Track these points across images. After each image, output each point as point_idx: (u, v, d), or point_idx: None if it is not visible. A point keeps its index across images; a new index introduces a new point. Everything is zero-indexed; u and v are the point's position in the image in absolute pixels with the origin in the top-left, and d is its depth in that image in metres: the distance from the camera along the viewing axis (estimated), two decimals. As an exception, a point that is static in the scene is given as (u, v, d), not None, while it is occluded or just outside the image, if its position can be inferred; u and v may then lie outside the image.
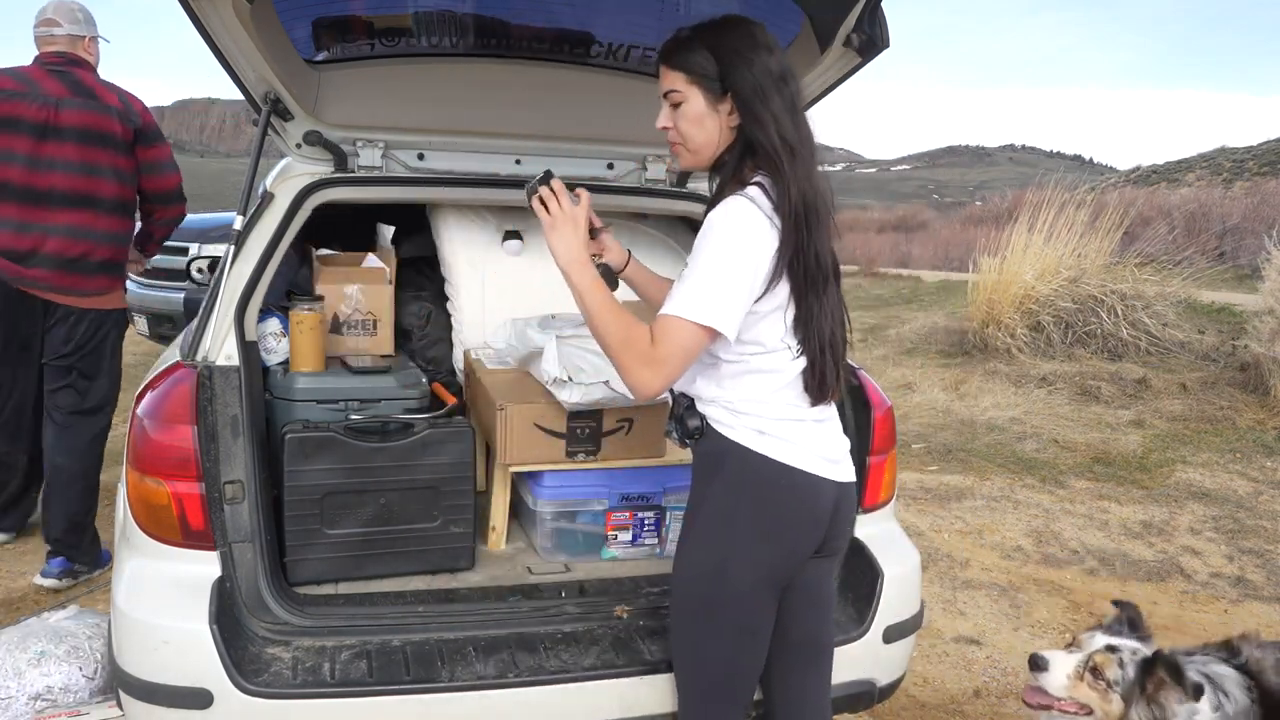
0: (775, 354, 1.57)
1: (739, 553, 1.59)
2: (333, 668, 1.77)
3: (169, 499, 1.80)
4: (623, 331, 1.53)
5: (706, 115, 1.57)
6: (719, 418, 1.61)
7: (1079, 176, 9.67)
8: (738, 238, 1.49)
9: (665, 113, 1.62)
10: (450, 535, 2.19)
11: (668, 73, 1.59)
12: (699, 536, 1.64)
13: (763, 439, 1.58)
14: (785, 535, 1.61)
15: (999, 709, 2.90)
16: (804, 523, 1.61)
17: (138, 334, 7.21)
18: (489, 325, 2.73)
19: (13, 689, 2.30)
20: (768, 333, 1.56)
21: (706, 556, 1.62)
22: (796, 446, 1.59)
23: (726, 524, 1.60)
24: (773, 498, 1.59)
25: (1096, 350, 7.84)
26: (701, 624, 1.65)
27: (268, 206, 2.18)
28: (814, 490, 1.60)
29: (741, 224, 1.49)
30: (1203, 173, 39.20)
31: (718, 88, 1.55)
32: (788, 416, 1.59)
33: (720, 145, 1.60)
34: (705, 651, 1.67)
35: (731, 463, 1.59)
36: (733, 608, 1.62)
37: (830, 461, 1.64)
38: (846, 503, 1.69)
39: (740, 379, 1.60)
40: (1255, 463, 5.56)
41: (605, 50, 2.36)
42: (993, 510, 4.73)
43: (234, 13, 1.77)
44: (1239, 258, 12.35)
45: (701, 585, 1.63)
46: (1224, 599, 3.79)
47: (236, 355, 1.94)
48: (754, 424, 1.58)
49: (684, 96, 1.58)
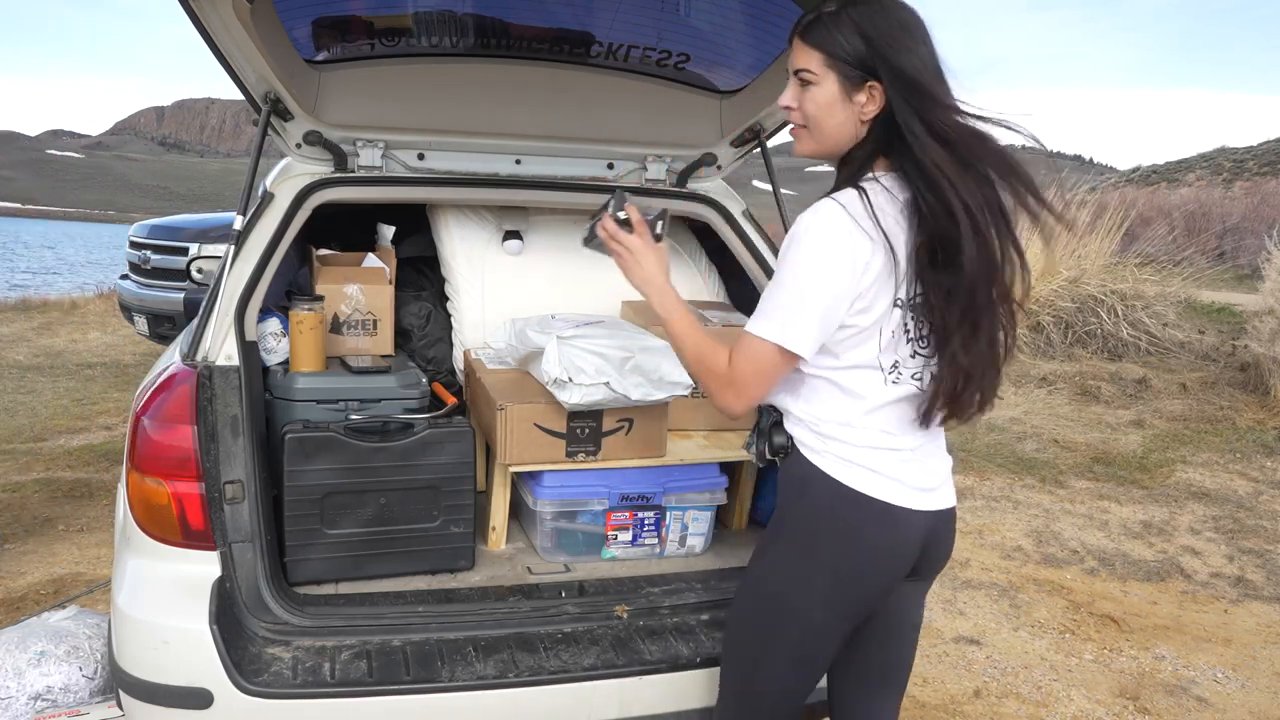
0: (863, 371, 1.45)
1: (813, 587, 1.49)
2: (333, 668, 1.77)
3: (169, 499, 1.80)
4: (699, 353, 1.48)
5: (839, 103, 1.41)
6: (805, 440, 1.50)
7: (1079, 176, 9.67)
8: (818, 248, 1.36)
9: (791, 91, 1.46)
10: (450, 535, 2.19)
11: (804, 49, 1.42)
12: (774, 560, 1.54)
13: (849, 468, 1.46)
14: (866, 574, 1.49)
15: (999, 709, 2.90)
16: (888, 560, 1.50)
17: (138, 334, 7.23)
18: (489, 325, 2.73)
19: (13, 689, 2.30)
20: (859, 349, 1.43)
21: (778, 584, 1.52)
22: (886, 478, 1.46)
23: (804, 555, 1.49)
24: (855, 532, 1.46)
25: (1096, 350, 7.84)
26: (758, 647, 1.57)
27: (268, 206, 2.18)
28: (903, 525, 1.48)
29: (824, 232, 1.36)
30: (1203, 173, 39.19)
31: (858, 76, 1.38)
32: (881, 445, 1.47)
33: (850, 138, 1.44)
34: (757, 672, 1.58)
35: (815, 490, 1.47)
36: (796, 639, 1.53)
37: (925, 491, 1.50)
38: (942, 529, 1.56)
39: (822, 394, 1.48)
40: (1255, 463, 5.56)
41: (605, 50, 2.36)
42: (993, 510, 4.73)
43: (234, 13, 1.77)
44: (1239, 258, 12.35)
45: (768, 610, 1.54)
46: (1224, 599, 3.78)
47: (236, 355, 1.94)
48: (841, 451, 1.46)
49: (817, 79, 1.41)
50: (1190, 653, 3.30)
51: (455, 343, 2.88)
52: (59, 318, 10.45)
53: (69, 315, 10.63)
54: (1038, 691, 3.01)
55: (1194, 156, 50.62)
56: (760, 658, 1.57)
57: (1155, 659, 3.25)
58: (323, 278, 2.56)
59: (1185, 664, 3.21)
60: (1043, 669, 3.15)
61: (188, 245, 6.48)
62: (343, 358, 2.42)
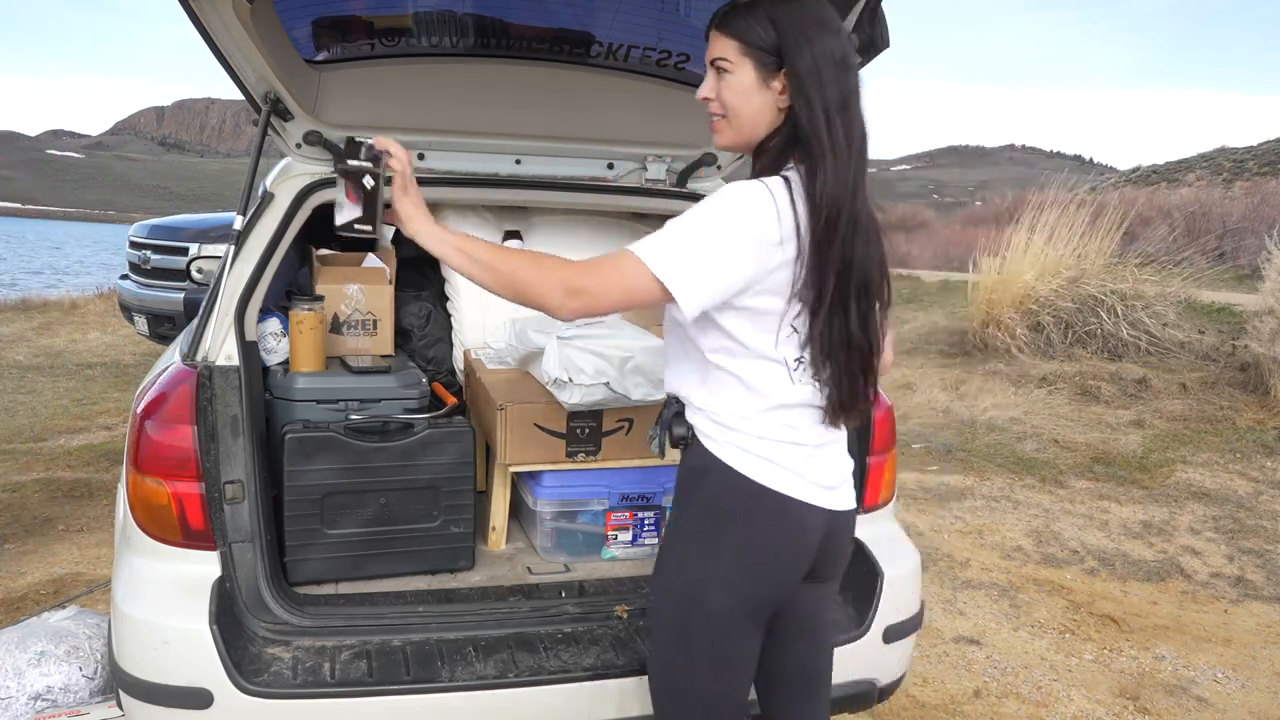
0: (766, 364, 1.45)
1: (716, 579, 1.48)
2: (333, 668, 1.77)
3: (169, 499, 1.80)
4: (516, 261, 1.40)
5: (755, 90, 1.44)
6: (706, 430, 1.49)
7: (1079, 176, 9.68)
8: (730, 211, 1.36)
9: (709, 82, 1.49)
10: (450, 535, 2.19)
11: (720, 39, 1.46)
12: (676, 558, 1.53)
13: (748, 459, 1.45)
14: (766, 564, 1.48)
15: (999, 709, 2.90)
16: (788, 552, 1.49)
17: (138, 334, 7.23)
18: (489, 325, 2.74)
19: (13, 689, 2.30)
20: (759, 339, 1.43)
21: (683, 580, 1.50)
22: (786, 470, 1.46)
23: (705, 547, 1.48)
24: (755, 523, 1.46)
25: (1096, 350, 7.84)
26: (677, 651, 1.54)
27: (268, 206, 2.18)
28: (801, 518, 1.48)
29: (740, 200, 1.37)
30: (1203, 173, 39.19)
31: (773, 63, 1.41)
32: (783, 439, 1.46)
33: (766, 127, 1.46)
34: (681, 681, 1.56)
35: (713, 481, 1.47)
36: (710, 636, 1.50)
37: (826, 489, 1.50)
38: (840, 531, 1.56)
39: (725, 387, 1.47)
40: (1255, 463, 5.56)
41: (605, 50, 2.36)
42: (992, 510, 4.73)
43: (234, 13, 1.77)
44: (1239, 258, 12.35)
45: (677, 610, 1.52)
46: (1224, 599, 3.78)
47: (236, 355, 1.94)
48: (740, 441, 1.46)
49: (733, 66, 1.44)
50: (1190, 653, 3.30)
51: (455, 343, 2.88)
52: (59, 318, 10.46)
53: (69, 315, 10.64)
54: (1038, 691, 3.01)
55: (1194, 156, 50.63)
56: (681, 661, 1.54)
57: (1155, 659, 3.25)
58: (323, 278, 2.56)
59: (1185, 664, 3.21)
60: (1043, 669, 3.15)
61: (188, 245, 6.49)
62: (343, 358, 2.42)
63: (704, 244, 1.35)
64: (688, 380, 1.53)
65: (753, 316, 1.42)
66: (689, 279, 1.35)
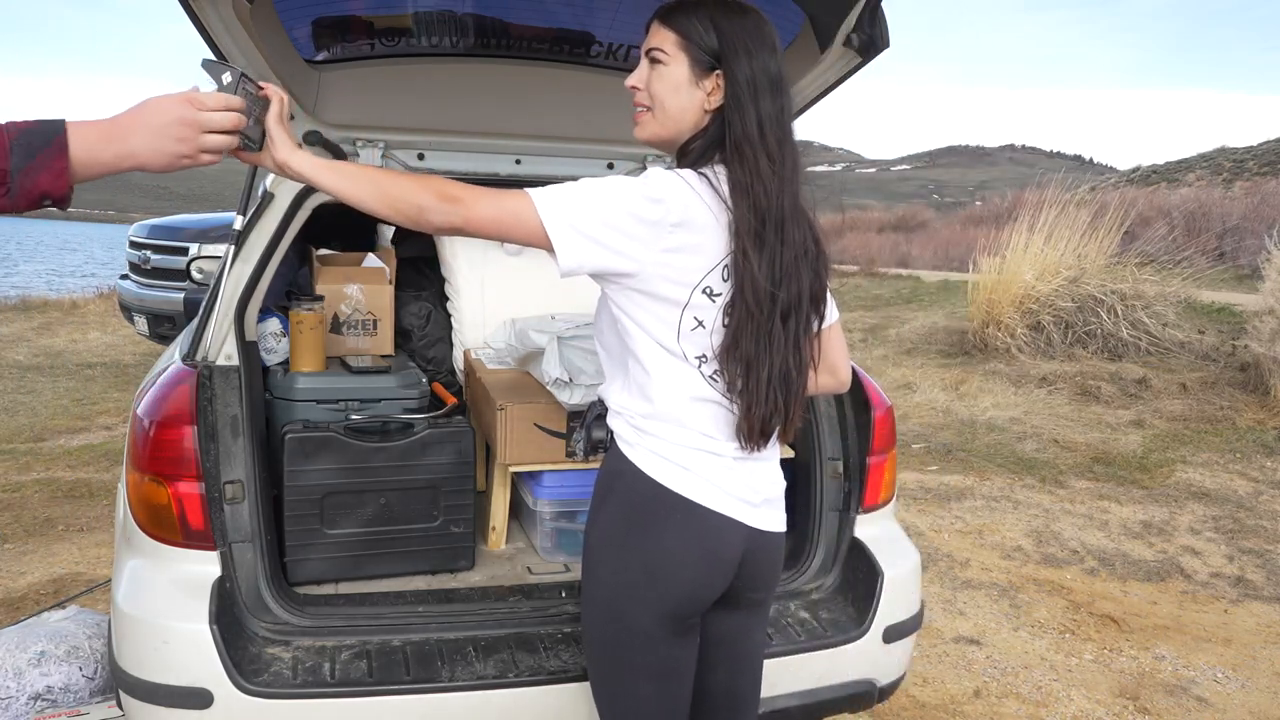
0: (672, 360, 1.41)
1: (629, 588, 1.43)
2: (333, 668, 1.77)
3: (169, 499, 1.80)
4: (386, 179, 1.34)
5: (685, 86, 1.43)
6: (623, 433, 1.46)
7: (1079, 176, 9.67)
8: (634, 184, 1.34)
9: (640, 72, 1.48)
10: (450, 535, 2.19)
11: (660, 30, 1.46)
12: (592, 568, 1.49)
13: (661, 463, 1.42)
14: (673, 575, 1.42)
15: (999, 709, 2.90)
16: (699, 563, 1.43)
17: (138, 334, 7.23)
18: (489, 325, 2.74)
19: (13, 689, 2.30)
20: (660, 328, 1.40)
21: (601, 591, 1.47)
22: (700, 479, 1.42)
23: (616, 555, 1.45)
24: (664, 531, 1.41)
25: (1096, 350, 7.84)
26: (608, 666, 1.51)
27: (268, 206, 2.18)
28: (716, 530, 1.42)
29: (648, 178, 1.35)
30: (1203, 173, 39.18)
31: (707, 64, 1.41)
32: (699, 447, 1.42)
33: (690, 126, 1.45)
34: (615, 687, 1.52)
35: (625, 484, 1.44)
36: (632, 645, 1.46)
37: (746, 504, 1.45)
38: (764, 552, 1.49)
39: (639, 385, 1.44)
40: (1255, 463, 5.56)
41: (605, 50, 2.36)
42: (992, 510, 4.73)
43: (234, 13, 1.77)
44: (1239, 258, 12.34)
45: (599, 620, 1.49)
46: (1224, 599, 3.78)
47: (236, 355, 1.94)
48: (655, 445, 1.42)
49: (669, 59, 1.44)
50: (1190, 653, 3.30)
51: (455, 343, 2.88)
52: (59, 318, 10.46)
53: (69, 315, 10.65)
54: (1038, 691, 3.01)
55: (1194, 156, 50.62)
56: (609, 671, 1.52)
57: (1155, 659, 3.25)
58: (323, 278, 2.57)
59: (1185, 664, 3.21)
60: (1043, 669, 3.15)
61: (188, 245, 6.49)
62: (343, 358, 2.42)
63: (596, 204, 1.33)
64: (613, 384, 1.52)
65: (653, 302, 1.39)
66: (571, 232, 1.32)
